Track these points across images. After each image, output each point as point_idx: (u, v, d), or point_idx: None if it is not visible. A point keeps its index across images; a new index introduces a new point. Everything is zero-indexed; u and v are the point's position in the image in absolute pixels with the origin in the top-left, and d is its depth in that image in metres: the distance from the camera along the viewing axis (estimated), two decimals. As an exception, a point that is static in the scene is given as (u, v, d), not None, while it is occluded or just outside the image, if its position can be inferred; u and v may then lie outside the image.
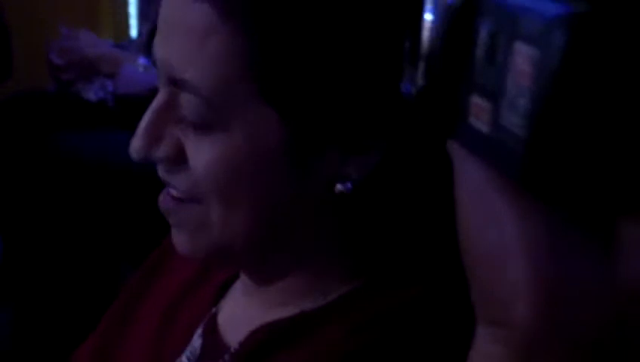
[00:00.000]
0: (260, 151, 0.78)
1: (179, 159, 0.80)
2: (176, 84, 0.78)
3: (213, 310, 0.92)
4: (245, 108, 0.77)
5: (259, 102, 0.77)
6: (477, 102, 0.41)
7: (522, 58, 0.37)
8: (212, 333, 0.90)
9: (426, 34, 0.45)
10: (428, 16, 0.44)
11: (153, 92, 2.46)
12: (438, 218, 0.43)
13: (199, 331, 0.91)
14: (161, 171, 0.83)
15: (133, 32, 3.33)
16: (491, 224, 0.41)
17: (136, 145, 0.81)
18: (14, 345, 2.55)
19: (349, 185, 0.80)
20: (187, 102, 0.78)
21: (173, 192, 0.82)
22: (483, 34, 0.41)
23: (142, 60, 2.59)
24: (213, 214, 0.80)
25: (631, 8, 0.36)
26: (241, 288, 0.92)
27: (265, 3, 0.75)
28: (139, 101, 2.48)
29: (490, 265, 0.41)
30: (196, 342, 0.90)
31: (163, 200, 0.83)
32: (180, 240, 0.84)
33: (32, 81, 2.78)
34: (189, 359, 0.90)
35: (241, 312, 0.90)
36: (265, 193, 0.80)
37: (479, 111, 0.40)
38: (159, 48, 0.80)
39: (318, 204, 0.82)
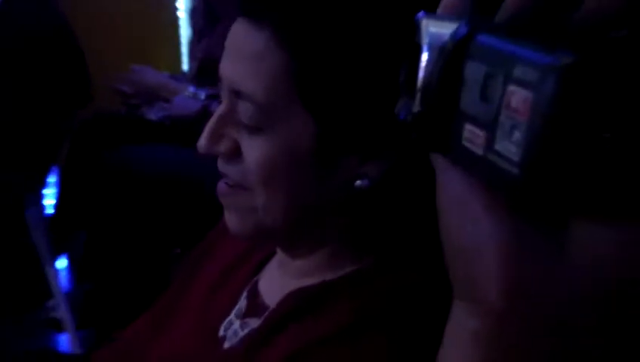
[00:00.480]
0: (297, 151, 0.79)
1: (235, 154, 0.82)
2: (237, 94, 0.80)
3: (255, 279, 0.93)
4: (289, 115, 0.78)
5: (300, 111, 0.78)
6: (471, 129, 0.38)
7: (516, 99, 0.35)
8: (254, 296, 0.91)
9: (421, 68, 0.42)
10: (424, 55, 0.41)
11: (199, 114, 2.46)
12: (428, 215, 0.42)
13: (244, 295, 0.92)
14: (220, 164, 0.84)
15: (185, 66, 3.32)
16: (468, 223, 0.40)
17: (202, 142, 0.83)
18: (92, 313, 2.55)
19: (366, 182, 0.80)
20: (244, 109, 0.79)
21: (229, 181, 0.84)
22: (477, 74, 0.38)
23: (191, 89, 2.59)
24: (258, 200, 0.81)
25: (618, 58, 0.34)
26: (276, 262, 0.92)
27: (309, 35, 0.76)
28: (188, 121, 2.51)
29: (467, 257, 0.40)
30: (242, 303, 0.91)
31: (220, 188, 0.85)
32: (231, 220, 0.86)
33: (106, 105, 2.78)
34: (236, 316, 0.90)
35: (276, 280, 0.90)
36: (299, 185, 0.81)
37: (473, 137, 0.38)
38: (225, 67, 0.82)
39: (340, 197, 0.82)
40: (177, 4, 3.58)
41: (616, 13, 0.37)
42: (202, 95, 2.53)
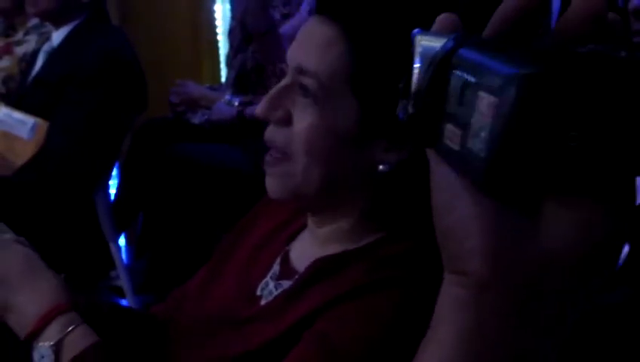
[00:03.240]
0: (340, 128, 0.80)
1: (286, 121, 0.83)
2: (302, 72, 0.81)
3: (287, 248, 0.93)
4: (341, 96, 0.80)
5: (350, 95, 0.80)
6: (451, 129, 0.38)
7: (484, 103, 0.35)
8: (286, 262, 0.91)
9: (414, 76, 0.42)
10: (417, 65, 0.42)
11: (234, 118, 2.46)
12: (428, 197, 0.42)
13: (278, 260, 0.92)
14: (269, 131, 0.84)
15: (223, 78, 3.34)
16: (454, 207, 0.39)
17: (262, 107, 0.83)
18: (149, 282, 2.57)
19: (387, 167, 0.81)
20: (307, 82, 0.81)
21: (273, 153, 0.84)
22: (457, 82, 0.38)
23: (227, 97, 2.60)
24: (298, 167, 0.82)
25: (574, 72, 0.34)
26: (306, 233, 0.92)
27: (366, 36, 0.80)
28: (225, 125, 2.53)
29: (454, 235, 0.39)
30: (275, 268, 0.91)
31: (266, 158, 0.85)
32: (271, 185, 0.85)
33: (158, 112, 2.80)
34: (271, 278, 0.90)
35: (305, 249, 0.90)
36: (335, 158, 0.81)
37: (452, 136, 0.38)
38: (296, 50, 0.83)
39: (365, 176, 0.83)
40: (217, 29, 3.59)
41: (582, 32, 0.37)
42: (236, 102, 2.54)
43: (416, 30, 0.41)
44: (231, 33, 2.75)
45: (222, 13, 3.52)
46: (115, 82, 2.20)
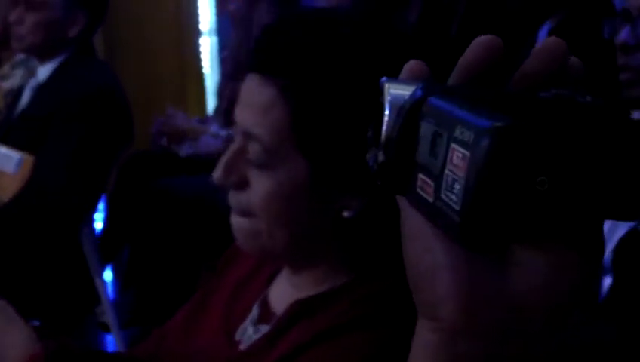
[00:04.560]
0: (295, 186, 0.80)
1: (243, 186, 0.82)
2: (247, 136, 0.81)
3: (266, 291, 0.93)
4: (289, 157, 0.79)
5: (298, 154, 0.79)
6: (423, 179, 0.38)
7: (457, 156, 0.35)
8: (265, 305, 0.90)
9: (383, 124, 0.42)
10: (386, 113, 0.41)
11: (220, 151, 2.47)
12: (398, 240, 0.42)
13: (257, 304, 0.91)
14: (230, 195, 0.84)
15: (209, 110, 3.34)
16: (426, 255, 0.39)
17: (217, 174, 0.83)
18: (136, 316, 2.55)
19: (351, 213, 0.81)
20: (253, 149, 0.80)
21: (237, 212, 0.84)
22: (427, 132, 0.38)
23: (213, 128, 2.60)
24: (262, 226, 0.82)
25: (541, 120, 0.34)
26: (283, 276, 0.92)
27: (307, 95, 0.78)
28: (211, 157, 2.52)
29: (425, 282, 0.39)
30: (255, 311, 0.91)
31: (232, 217, 0.85)
32: (240, 240, 0.86)
33: (145, 145, 2.79)
34: (251, 322, 0.90)
35: (283, 292, 0.90)
36: (296, 215, 0.81)
37: (424, 186, 0.38)
38: (239, 113, 0.82)
39: (330, 225, 0.82)
40: (202, 62, 3.61)
41: (545, 77, 0.37)
42: (224, 133, 2.54)
43: (384, 78, 0.41)
44: (223, 62, 2.76)
45: (208, 47, 3.53)
46: (101, 116, 2.20)
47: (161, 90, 3.48)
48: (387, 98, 0.41)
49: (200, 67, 3.61)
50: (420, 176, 0.38)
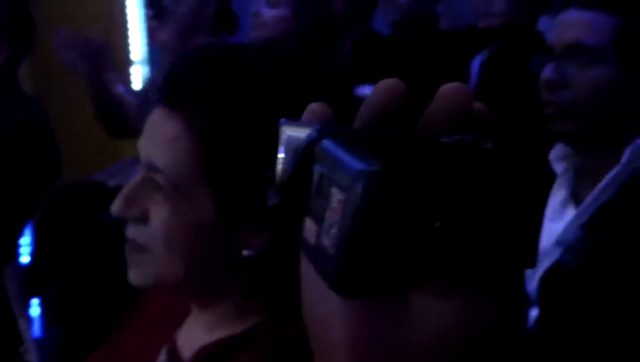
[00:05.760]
0: (197, 221, 0.79)
1: (143, 219, 0.81)
2: (152, 168, 0.79)
3: (175, 335, 0.91)
4: (194, 190, 0.79)
5: (203, 188, 0.79)
6: (309, 222, 0.38)
7: (335, 199, 0.35)
8: (173, 351, 0.88)
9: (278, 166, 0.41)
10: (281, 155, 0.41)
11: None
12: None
13: (165, 350, 0.89)
14: (128, 230, 0.83)
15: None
16: (322, 300, 0.39)
17: (116, 206, 0.81)
18: (62, 355, 2.49)
19: (252, 252, 0.80)
20: (158, 181, 0.79)
21: (133, 245, 0.83)
22: (317, 175, 0.38)
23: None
24: (160, 261, 0.80)
25: (437, 164, 0.34)
26: (192, 317, 0.90)
27: (213, 128, 0.78)
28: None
29: (320, 328, 0.39)
30: (163, 357, 0.89)
31: (127, 249, 0.83)
32: (132, 276, 0.84)
33: (73, 177, 2.74)
34: None
35: (192, 335, 0.88)
36: (198, 250, 0.80)
37: (310, 229, 0.38)
38: (144, 144, 0.82)
39: (233, 261, 0.81)
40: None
41: (447, 121, 0.37)
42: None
43: (282, 120, 0.40)
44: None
45: (140, 76, 3.49)
46: (27, 150, 2.15)
47: (93, 122, 3.41)
48: (283, 139, 0.40)
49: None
50: (307, 219, 0.38)
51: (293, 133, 0.40)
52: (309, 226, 0.38)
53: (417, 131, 0.38)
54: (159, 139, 0.79)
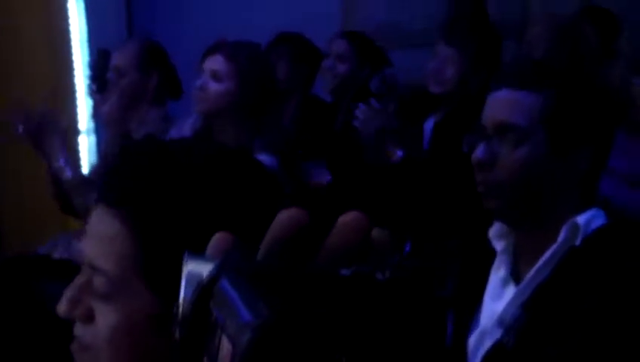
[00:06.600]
0: (140, 320, 0.79)
1: (89, 318, 0.80)
2: (92, 268, 0.79)
3: None
4: (135, 290, 0.79)
5: (144, 287, 0.79)
6: None
7: (224, 349, 0.34)
8: None
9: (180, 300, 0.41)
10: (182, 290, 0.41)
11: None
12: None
13: None
14: (76, 328, 0.82)
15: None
16: None
17: (61, 307, 0.81)
18: None
19: None
20: (98, 281, 0.79)
21: (80, 343, 0.81)
22: (213, 316, 0.37)
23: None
24: (105, 358, 0.80)
25: (334, 300, 0.35)
26: None
27: (152, 228, 0.78)
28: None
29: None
30: None
31: (73, 347, 0.82)
32: None
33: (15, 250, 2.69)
34: None
35: None
36: (142, 348, 0.80)
37: None
38: (85, 244, 0.81)
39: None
40: (81, 163, 3.51)
41: (346, 251, 0.38)
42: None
43: (185, 254, 0.41)
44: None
45: (87, 146, 3.47)
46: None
47: (38, 195, 3.36)
48: (185, 274, 0.41)
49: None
50: (206, 358, 0.37)
51: (194, 268, 0.40)
52: None
53: (319, 260, 0.38)
54: (98, 238, 0.80)
